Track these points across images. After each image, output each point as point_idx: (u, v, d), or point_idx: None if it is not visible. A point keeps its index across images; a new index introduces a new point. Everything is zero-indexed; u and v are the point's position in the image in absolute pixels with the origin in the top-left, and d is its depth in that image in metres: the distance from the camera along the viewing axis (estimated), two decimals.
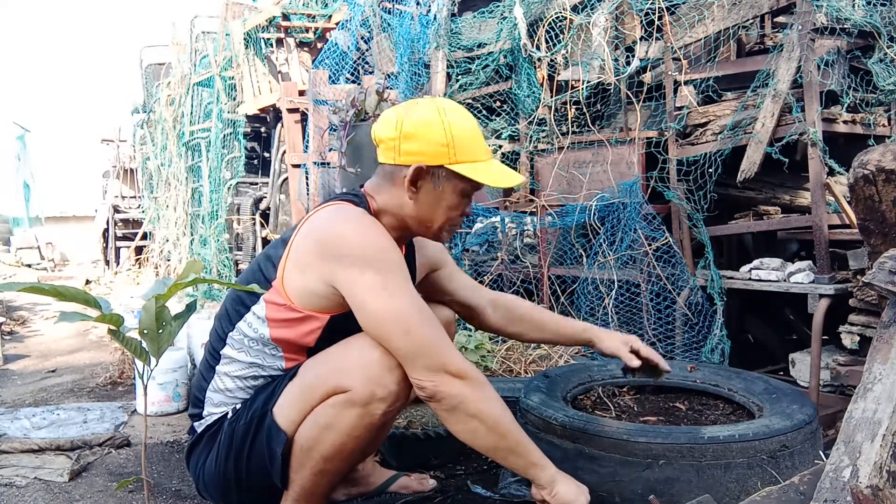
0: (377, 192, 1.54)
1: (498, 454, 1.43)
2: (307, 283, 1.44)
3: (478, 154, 1.48)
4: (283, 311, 1.47)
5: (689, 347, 2.77)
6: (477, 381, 1.41)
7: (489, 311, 1.84)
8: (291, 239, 1.49)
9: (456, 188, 1.48)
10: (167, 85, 6.74)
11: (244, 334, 1.51)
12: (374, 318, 1.39)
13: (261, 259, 1.55)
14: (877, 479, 1.28)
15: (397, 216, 1.53)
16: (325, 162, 3.72)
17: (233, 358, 1.53)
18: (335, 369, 1.44)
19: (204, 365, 1.59)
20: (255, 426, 1.49)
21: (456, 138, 1.45)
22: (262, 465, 1.49)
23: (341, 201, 1.52)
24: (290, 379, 1.49)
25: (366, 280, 1.38)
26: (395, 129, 1.47)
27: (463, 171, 1.45)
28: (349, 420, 1.42)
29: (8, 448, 2.36)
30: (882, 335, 1.52)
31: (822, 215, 2.44)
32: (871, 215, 1.68)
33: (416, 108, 1.48)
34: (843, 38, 2.56)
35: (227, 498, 1.57)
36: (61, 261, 11.84)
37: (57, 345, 4.78)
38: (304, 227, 1.50)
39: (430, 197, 1.49)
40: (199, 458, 1.58)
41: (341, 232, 1.42)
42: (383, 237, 1.43)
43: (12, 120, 13.90)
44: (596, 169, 3.12)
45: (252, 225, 5.21)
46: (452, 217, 1.52)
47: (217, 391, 1.55)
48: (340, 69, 4.26)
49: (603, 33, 3.04)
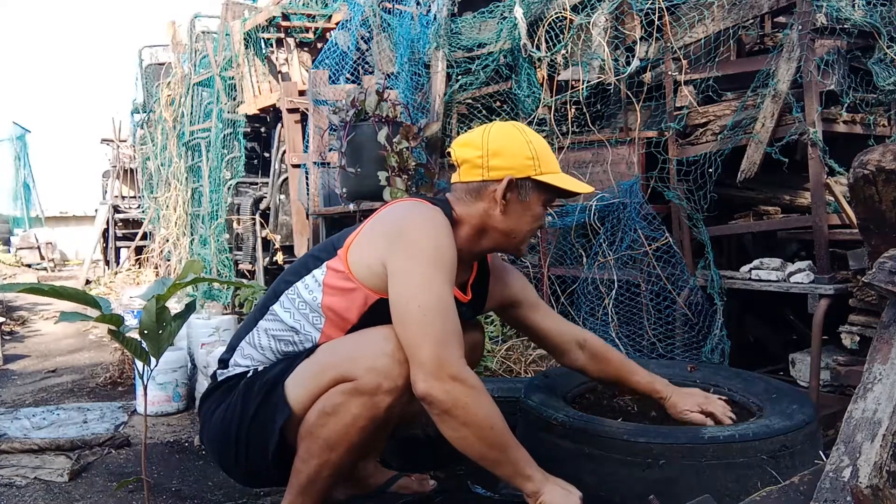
0: (459, 204, 1.62)
1: (485, 463, 1.45)
2: (367, 257, 1.52)
3: (555, 166, 1.60)
4: (340, 279, 1.54)
5: (689, 347, 2.77)
6: (473, 388, 1.42)
7: (576, 352, 1.86)
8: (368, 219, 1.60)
9: (540, 198, 1.59)
10: (167, 85, 6.73)
11: (299, 294, 1.57)
12: (400, 299, 1.44)
13: (335, 235, 1.65)
14: (877, 479, 1.28)
15: (477, 227, 1.61)
16: (325, 162, 3.72)
17: (277, 316, 1.59)
18: (347, 357, 1.48)
19: (251, 316, 1.67)
20: (265, 393, 1.54)
21: (539, 152, 1.57)
22: (261, 433, 1.53)
23: (425, 200, 1.62)
24: (308, 356, 1.54)
25: (410, 267, 1.45)
26: (480, 148, 1.57)
27: (549, 180, 1.57)
28: (354, 409, 1.45)
29: (8, 448, 2.36)
30: (882, 335, 1.52)
31: (822, 215, 2.44)
32: (871, 215, 1.68)
33: (496, 127, 1.61)
34: (843, 38, 2.56)
35: (223, 452, 1.61)
36: (61, 261, 11.85)
37: (57, 345, 4.78)
38: (383, 212, 1.60)
39: (517, 208, 1.58)
40: (213, 405, 1.63)
41: (409, 221, 1.51)
42: (445, 238, 1.50)
43: (12, 120, 13.90)
44: (596, 169, 3.12)
45: (252, 225, 5.20)
46: (535, 227, 1.62)
47: (250, 344, 1.62)
48: (340, 69, 4.26)
49: (603, 33, 3.04)
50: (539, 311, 1.87)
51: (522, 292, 1.86)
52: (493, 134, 1.58)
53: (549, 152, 1.60)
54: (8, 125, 13.33)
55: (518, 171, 1.56)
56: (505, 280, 1.83)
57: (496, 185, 1.56)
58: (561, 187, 1.58)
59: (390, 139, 3.07)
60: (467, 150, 1.60)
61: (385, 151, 3.05)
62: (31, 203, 13.27)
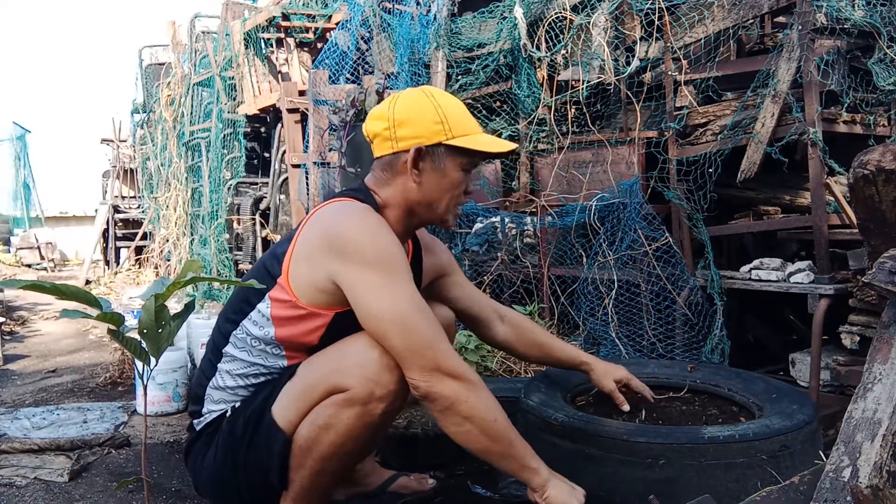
0: (379, 186, 1.55)
1: (490, 457, 1.44)
2: (311, 279, 1.45)
3: (471, 128, 1.51)
4: (288, 308, 1.47)
5: (689, 347, 2.77)
6: (472, 383, 1.41)
7: (497, 324, 1.85)
8: (295, 237, 1.50)
9: (457, 163, 1.51)
10: (167, 85, 6.73)
11: (248, 333, 1.51)
12: (373, 316, 1.40)
13: (266, 258, 1.56)
14: (877, 479, 1.28)
15: (403, 206, 1.54)
16: (325, 162, 3.72)
17: (234, 356, 1.53)
18: (334, 369, 1.44)
19: (205, 362, 1.60)
20: (253, 425, 1.49)
21: (448, 115, 1.49)
22: (259, 465, 1.48)
23: (345, 198, 1.53)
24: (290, 378, 1.49)
25: (367, 278, 1.39)
26: (386, 120, 1.50)
27: (461, 143, 1.49)
28: (348, 420, 1.42)
29: (8, 448, 2.36)
30: (882, 335, 1.52)
31: (822, 215, 2.44)
32: (871, 215, 1.68)
33: (402, 96, 1.53)
34: (843, 38, 2.56)
35: (224, 496, 1.57)
36: (61, 261, 11.84)
37: (57, 345, 4.78)
38: (308, 224, 1.50)
39: (433, 177, 1.51)
40: (198, 455, 1.58)
41: (345, 229, 1.43)
42: (386, 236, 1.44)
43: (12, 120, 13.91)
44: (596, 169, 3.12)
45: (252, 225, 5.20)
46: (456, 195, 1.54)
47: (217, 388, 1.55)
48: (340, 69, 4.25)
49: (603, 33, 3.04)
50: (463, 283, 1.84)
51: (450, 263, 1.82)
52: (398, 103, 1.50)
53: (461, 114, 1.51)
54: (8, 125, 13.35)
55: (427, 139, 1.48)
56: (434, 251, 1.77)
57: (406, 156, 1.49)
58: (476, 149, 1.50)
59: None
60: (376, 123, 1.52)
61: None
62: (31, 203, 13.27)
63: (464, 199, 1.56)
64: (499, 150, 1.53)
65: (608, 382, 1.81)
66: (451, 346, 1.44)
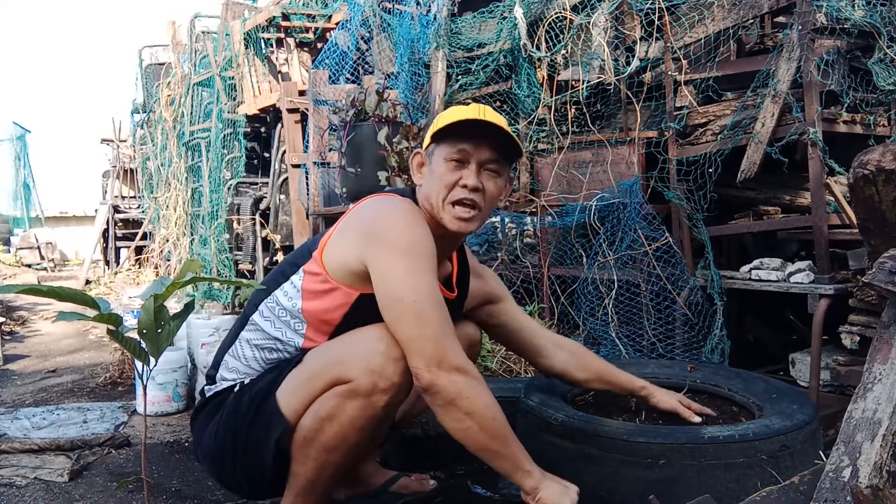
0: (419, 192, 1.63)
1: (486, 455, 1.44)
2: (344, 258, 1.51)
3: (449, 118, 1.53)
4: (318, 282, 1.53)
5: (689, 347, 2.77)
6: (474, 380, 1.42)
7: (554, 353, 1.85)
8: (339, 220, 1.59)
9: (441, 154, 1.55)
10: (167, 85, 6.73)
11: (277, 302, 1.56)
12: (393, 298, 1.43)
13: (309, 240, 1.65)
14: (877, 479, 1.28)
15: (424, 209, 1.59)
16: (325, 162, 3.72)
17: (258, 326, 1.58)
18: (339, 360, 1.46)
19: (232, 329, 1.66)
20: (256, 406, 1.52)
21: (438, 119, 1.55)
22: (257, 446, 1.51)
23: (393, 193, 1.62)
24: (296, 365, 1.52)
25: (394, 262, 1.44)
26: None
27: (433, 129, 1.54)
28: (351, 411, 1.44)
29: (8, 448, 2.36)
30: (882, 335, 1.52)
31: (822, 215, 2.44)
32: (871, 215, 1.68)
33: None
34: (843, 38, 2.56)
35: (220, 469, 1.60)
36: (61, 261, 11.84)
37: (57, 345, 4.78)
38: (353, 210, 1.59)
39: (427, 174, 1.58)
40: (202, 423, 1.62)
41: (384, 215, 1.51)
42: (420, 228, 1.49)
43: (12, 120, 13.90)
44: (596, 169, 3.12)
45: (252, 225, 5.20)
46: (449, 185, 1.53)
47: (234, 356, 1.61)
48: (340, 69, 4.26)
49: (603, 33, 3.04)
50: (513, 312, 1.87)
51: (500, 289, 1.87)
52: None
53: (450, 113, 1.53)
54: (8, 125, 13.34)
55: (425, 145, 1.59)
56: (483, 276, 1.83)
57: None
58: (440, 127, 1.51)
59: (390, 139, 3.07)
60: None
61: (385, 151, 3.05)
62: (31, 203, 13.27)
63: (460, 193, 1.53)
64: (458, 115, 1.50)
65: (671, 400, 1.80)
66: (461, 348, 1.46)
